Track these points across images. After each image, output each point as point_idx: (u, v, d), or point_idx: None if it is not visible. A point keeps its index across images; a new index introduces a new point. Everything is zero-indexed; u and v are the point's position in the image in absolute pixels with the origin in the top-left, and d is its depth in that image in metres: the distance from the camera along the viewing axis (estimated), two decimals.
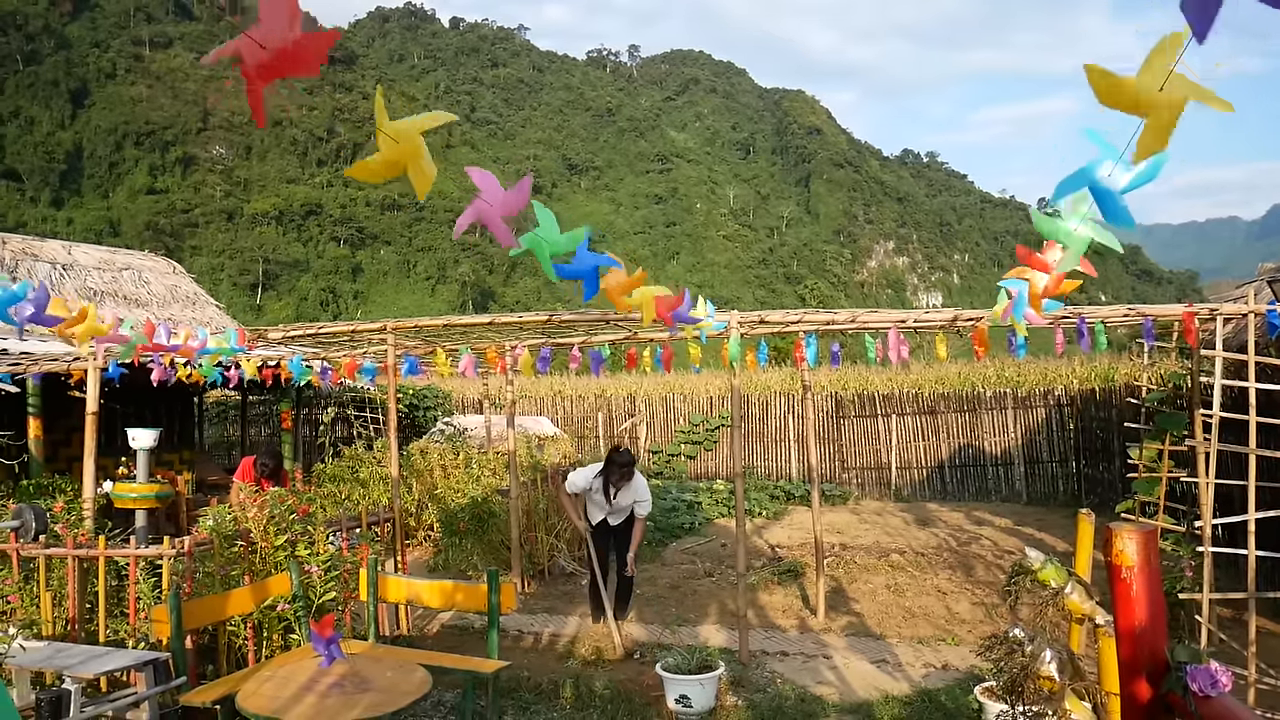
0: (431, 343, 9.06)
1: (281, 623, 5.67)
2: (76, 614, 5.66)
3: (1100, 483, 14.38)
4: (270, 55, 1.45)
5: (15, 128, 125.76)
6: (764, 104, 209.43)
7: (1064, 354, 7.92)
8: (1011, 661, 2.95)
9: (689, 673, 5.58)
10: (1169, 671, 1.83)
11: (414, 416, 18.82)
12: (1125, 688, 1.91)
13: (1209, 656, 1.84)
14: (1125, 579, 1.88)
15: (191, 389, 13.11)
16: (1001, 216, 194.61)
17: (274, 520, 5.95)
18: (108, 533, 6.10)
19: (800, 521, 12.96)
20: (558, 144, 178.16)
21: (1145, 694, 1.86)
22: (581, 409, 20.18)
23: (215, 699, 4.47)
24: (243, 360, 8.01)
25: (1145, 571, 1.88)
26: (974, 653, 6.07)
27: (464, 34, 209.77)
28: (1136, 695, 1.88)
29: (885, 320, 6.79)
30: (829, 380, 20.65)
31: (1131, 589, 1.88)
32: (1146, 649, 1.87)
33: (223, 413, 21.00)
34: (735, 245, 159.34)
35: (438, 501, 11.14)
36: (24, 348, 9.99)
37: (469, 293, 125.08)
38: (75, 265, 14.18)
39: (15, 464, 9.90)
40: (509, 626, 7.69)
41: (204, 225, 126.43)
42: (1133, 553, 1.87)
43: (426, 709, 5.77)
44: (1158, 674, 1.85)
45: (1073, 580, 2.95)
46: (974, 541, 11.31)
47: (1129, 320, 6.68)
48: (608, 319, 7.56)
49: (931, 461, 16.72)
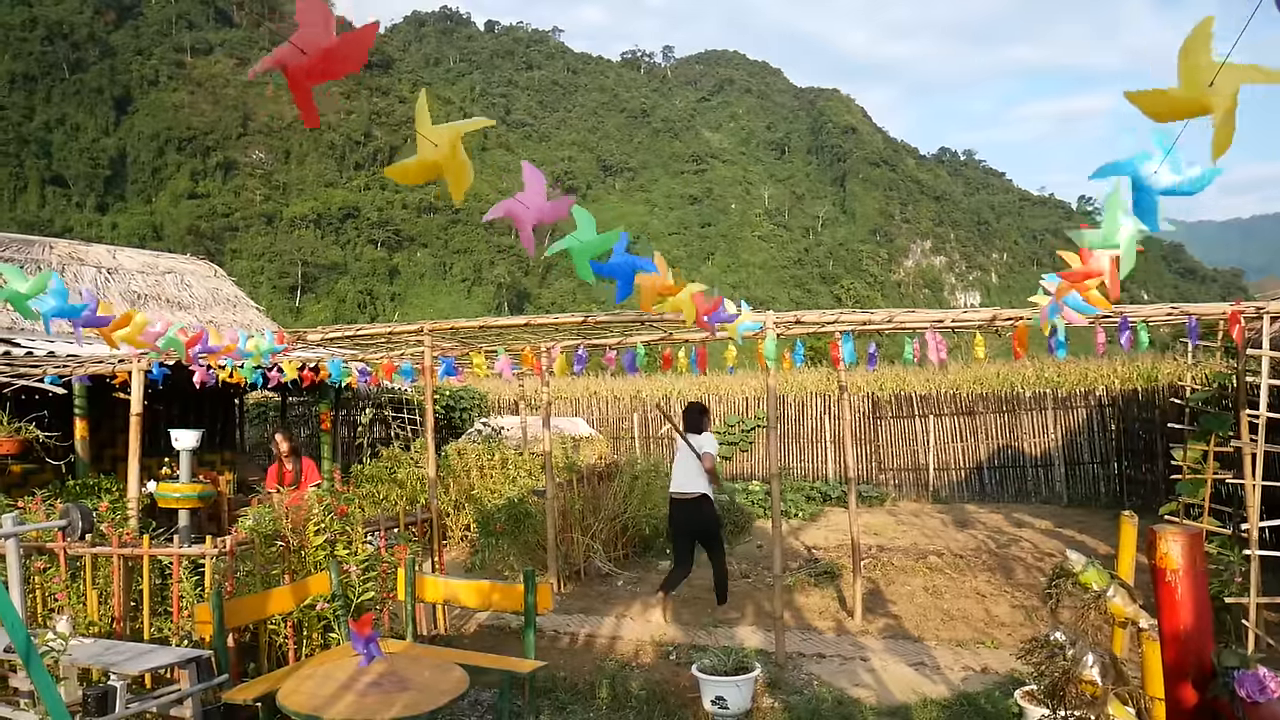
0: (468, 344, 9.11)
1: (321, 621, 5.74)
2: (121, 612, 5.76)
3: (1143, 484, 14.14)
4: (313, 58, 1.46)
5: (61, 134, 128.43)
6: (799, 103, 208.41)
7: (1105, 354, 7.80)
8: (1053, 665, 2.91)
9: (725, 674, 5.56)
10: (1215, 677, 1.79)
11: (451, 418, 18.95)
12: (1170, 693, 1.88)
13: (1257, 662, 1.81)
14: (1170, 582, 1.85)
15: (232, 390, 13.31)
16: (1041, 215, 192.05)
17: (313, 520, 6.02)
18: (152, 532, 6.21)
19: (837, 523, 12.89)
20: (592, 145, 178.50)
21: (1191, 699, 1.83)
22: (617, 410, 20.20)
23: (256, 696, 4.53)
24: (283, 362, 8.11)
25: (1191, 575, 1.84)
26: (1014, 656, 6.00)
27: (499, 37, 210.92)
28: (1182, 701, 1.85)
29: (923, 320, 6.72)
30: (865, 381, 20.51)
31: (1177, 592, 1.85)
32: (1192, 654, 1.84)
33: (263, 414, 21.28)
34: (770, 245, 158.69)
35: (474, 502, 11.21)
36: (70, 350, 10.19)
37: (505, 294, 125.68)
38: (120, 269, 14.44)
39: (62, 464, 10.10)
40: (545, 627, 7.72)
41: (244, 229, 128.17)
42: (1178, 555, 1.84)
43: (464, 708, 5.81)
44: (1203, 679, 1.82)
45: (1115, 583, 2.91)
46: (1013, 543, 11.18)
47: (1172, 319, 6.57)
48: (643, 320, 7.56)
49: (970, 462, 16.54)
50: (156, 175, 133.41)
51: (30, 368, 9.83)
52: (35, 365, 9.82)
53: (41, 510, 6.39)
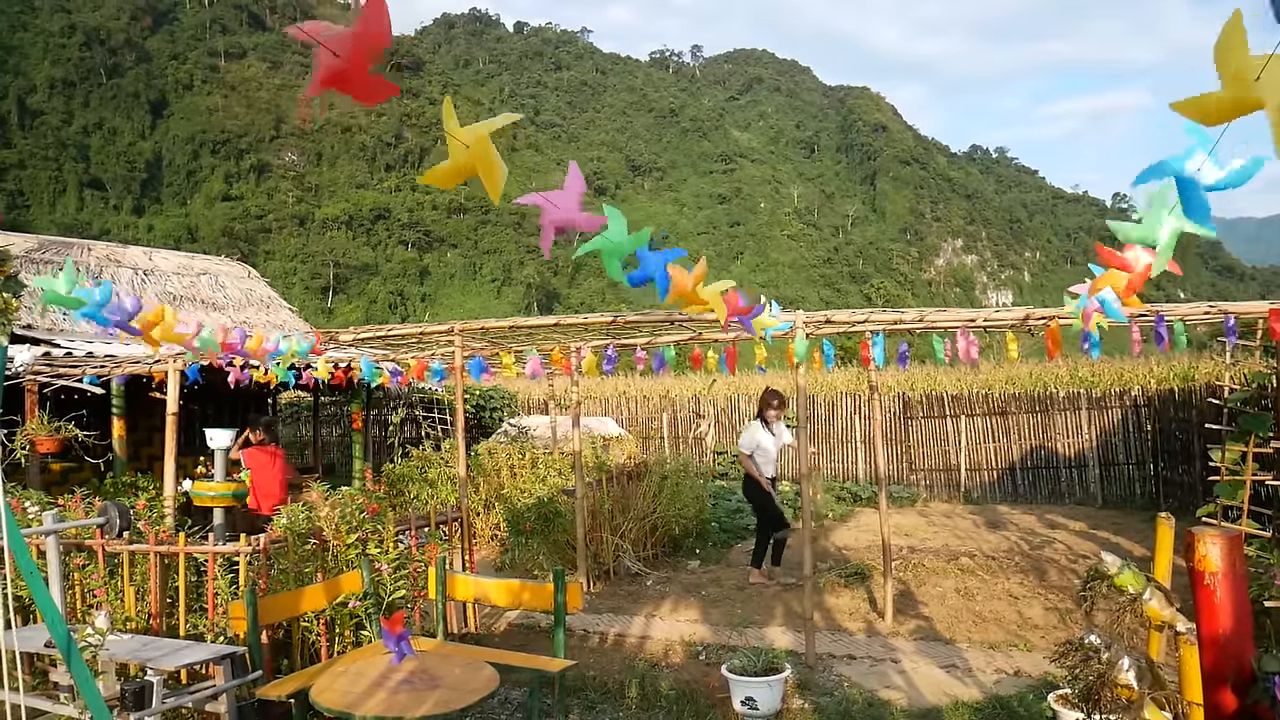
0: (498, 344, 9.15)
1: (353, 619, 5.79)
2: (158, 608, 5.84)
3: (1180, 486, 13.94)
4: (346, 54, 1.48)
5: (99, 138, 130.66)
6: (828, 102, 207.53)
7: (1141, 353, 7.69)
8: (1088, 669, 2.87)
9: (755, 674, 5.54)
10: (1255, 682, 1.77)
11: (481, 417, 19.05)
12: (1209, 698, 1.85)
13: None
14: (1209, 585, 1.82)
15: (265, 390, 13.46)
16: (1074, 212, 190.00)
17: (345, 519, 6.08)
18: (187, 530, 6.29)
19: (867, 523, 12.81)
20: (621, 145, 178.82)
21: (1230, 704, 1.81)
22: (646, 409, 20.20)
23: (290, 693, 4.57)
24: (316, 362, 8.19)
25: (1230, 577, 1.82)
26: (1048, 659, 5.93)
27: (528, 38, 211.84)
28: (1221, 705, 1.82)
29: (954, 319, 6.67)
30: (896, 381, 20.37)
31: (1216, 596, 1.82)
32: (1231, 658, 1.81)
33: (295, 414, 21.51)
34: (800, 245, 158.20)
35: (504, 501, 11.25)
36: (108, 350, 10.35)
37: (534, 294, 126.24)
38: (156, 271, 14.65)
39: (101, 463, 10.26)
40: (575, 626, 7.74)
41: (277, 230, 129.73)
42: (1217, 558, 1.82)
43: (494, 706, 5.83)
44: (1243, 684, 1.79)
45: (1151, 586, 2.87)
46: (1047, 545, 11.05)
47: (1210, 318, 6.47)
48: (672, 319, 7.55)
49: (1002, 463, 16.38)
50: (191, 178, 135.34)
51: (69, 368, 10.01)
52: (74, 365, 9.99)
53: (80, 508, 6.48)
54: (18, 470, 9.25)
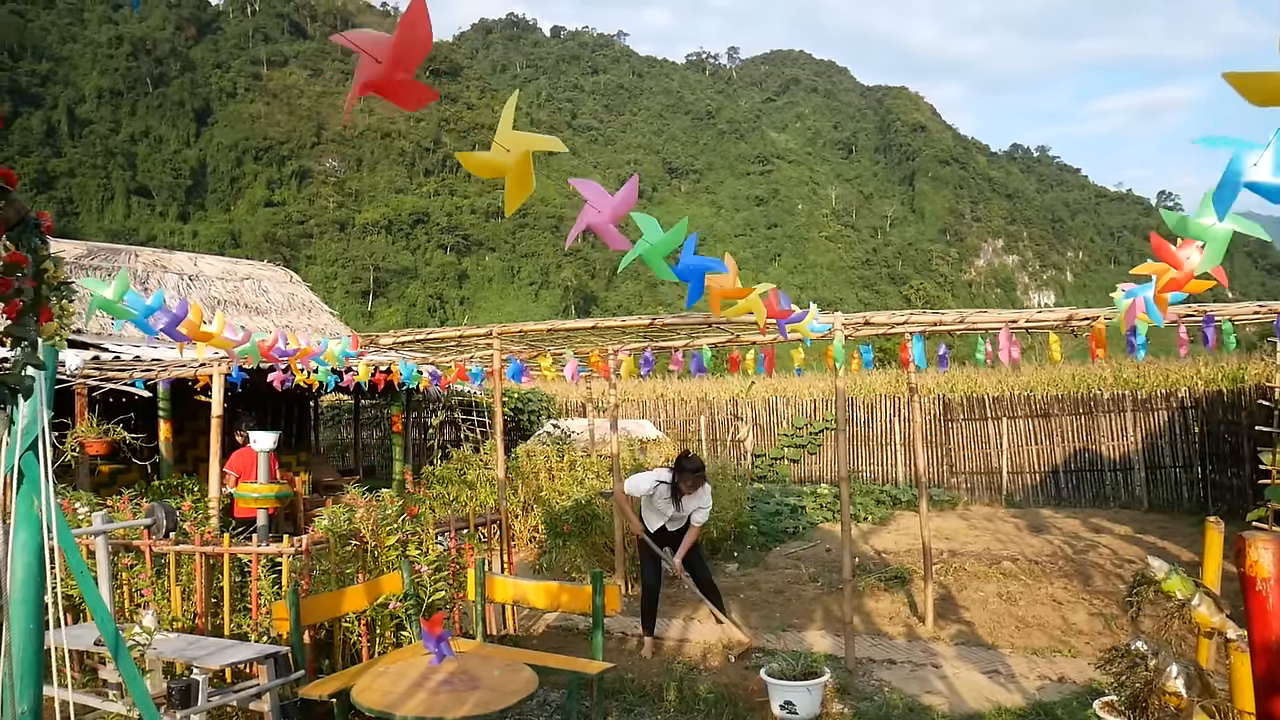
0: (536, 347, 9.19)
1: (393, 620, 5.84)
2: (203, 608, 5.94)
3: (1229, 490, 13.65)
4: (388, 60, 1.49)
5: (145, 146, 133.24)
6: (866, 102, 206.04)
7: (1187, 354, 7.55)
8: (1134, 676, 2.83)
9: (794, 678, 5.51)
10: None
11: (519, 420, 19.13)
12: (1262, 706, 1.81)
13: None
14: (1261, 591, 1.79)
15: (308, 393, 13.63)
16: (1118, 211, 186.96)
17: (385, 522, 6.13)
18: (232, 531, 6.38)
19: (907, 527, 12.69)
20: (658, 148, 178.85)
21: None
22: (684, 412, 20.18)
23: (331, 692, 4.63)
24: (357, 365, 8.28)
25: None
26: (1093, 665, 5.84)
27: (564, 42, 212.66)
28: (1274, 714, 1.78)
29: (995, 320, 6.59)
30: (936, 382, 20.16)
31: (1268, 602, 1.78)
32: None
33: (336, 416, 21.76)
34: (838, 246, 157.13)
35: (543, 504, 11.29)
36: (155, 354, 10.54)
37: (571, 297, 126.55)
38: (201, 276, 14.91)
39: (147, 464, 10.45)
40: (613, 628, 7.74)
41: (318, 235, 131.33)
42: (1269, 564, 1.78)
43: (532, 708, 5.85)
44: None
45: (1200, 592, 2.81)
46: (1091, 549, 10.88)
47: (1259, 318, 6.34)
48: (709, 322, 7.54)
49: (1045, 466, 16.15)
50: (235, 184, 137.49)
51: (117, 371, 10.20)
52: (122, 369, 10.19)
53: (128, 509, 6.61)
54: (68, 472, 9.45)
